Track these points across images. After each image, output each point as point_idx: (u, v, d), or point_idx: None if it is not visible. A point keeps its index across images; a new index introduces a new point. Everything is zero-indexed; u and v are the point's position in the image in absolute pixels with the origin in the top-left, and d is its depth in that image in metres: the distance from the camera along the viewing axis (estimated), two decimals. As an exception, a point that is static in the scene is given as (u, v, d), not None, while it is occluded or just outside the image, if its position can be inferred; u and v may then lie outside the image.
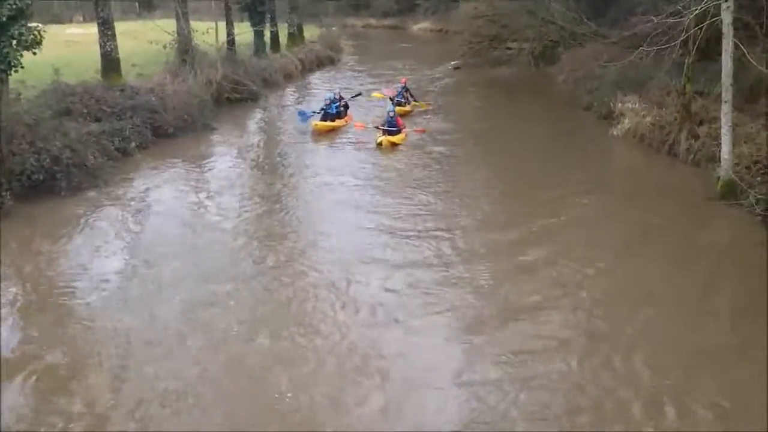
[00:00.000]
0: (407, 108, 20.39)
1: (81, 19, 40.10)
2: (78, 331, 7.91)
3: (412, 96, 21.30)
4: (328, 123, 17.99)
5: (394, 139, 16.16)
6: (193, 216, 11.85)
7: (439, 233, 10.71)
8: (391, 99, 20.34)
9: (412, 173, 14.16)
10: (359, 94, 21.13)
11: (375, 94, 22.22)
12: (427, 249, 10.11)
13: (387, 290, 8.80)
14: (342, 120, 18.47)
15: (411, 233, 10.73)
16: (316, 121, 17.85)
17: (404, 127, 16.81)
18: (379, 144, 15.93)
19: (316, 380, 6.89)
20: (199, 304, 8.41)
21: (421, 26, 51.93)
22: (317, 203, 12.50)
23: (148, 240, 10.59)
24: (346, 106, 19.13)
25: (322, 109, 18.25)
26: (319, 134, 17.52)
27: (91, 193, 12.45)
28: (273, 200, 12.62)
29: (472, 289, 8.90)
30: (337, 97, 18.95)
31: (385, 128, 16.42)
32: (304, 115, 18.48)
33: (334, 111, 18.35)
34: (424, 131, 17.44)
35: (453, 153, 15.97)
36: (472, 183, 13.58)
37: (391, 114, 16.82)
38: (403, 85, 21.40)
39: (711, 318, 8.25)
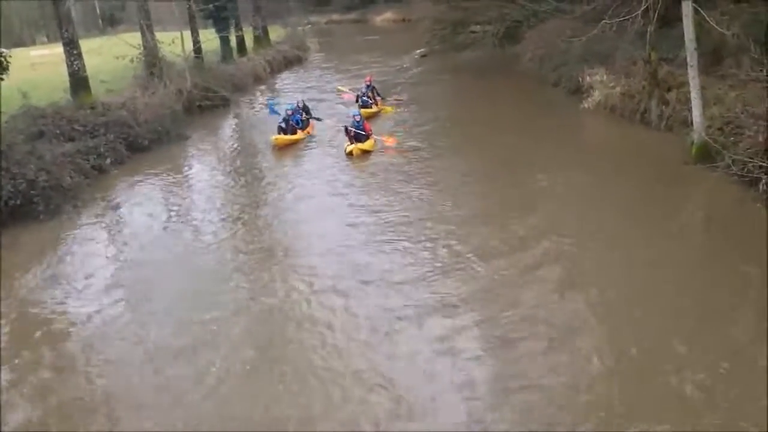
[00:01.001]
0: (373, 109, 19.04)
1: (45, 39, 39.49)
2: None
3: (378, 95, 20.03)
4: (288, 137, 16.54)
5: (365, 146, 14.99)
6: (172, 234, 11.46)
7: (429, 231, 10.36)
8: (357, 98, 19.23)
9: (389, 175, 13.50)
10: (319, 119, 18.30)
11: (340, 87, 21.41)
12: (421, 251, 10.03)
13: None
14: (304, 132, 17.11)
15: (401, 230, 10.75)
16: (276, 136, 16.33)
17: (372, 132, 15.55)
18: (349, 153, 14.82)
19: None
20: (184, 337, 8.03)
21: (384, 17, 51.95)
22: (297, 213, 12.02)
23: (127, 263, 10.30)
24: (308, 114, 17.97)
25: (284, 119, 16.71)
26: (280, 149, 16.09)
27: (70, 215, 12.32)
28: (251, 214, 12.17)
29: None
30: (300, 106, 17.76)
31: (353, 134, 15.16)
32: (272, 109, 18.17)
33: (296, 122, 16.99)
34: (394, 141, 15.59)
35: (428, 145, 15.42)
36: (452, 174, 13.17)
37: (357, 118, 15.54)
38: (368, 83, 19.93)
39: (697, 276, 8.49)
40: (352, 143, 15.01)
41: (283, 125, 16.54)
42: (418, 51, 30.23)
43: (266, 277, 9.36)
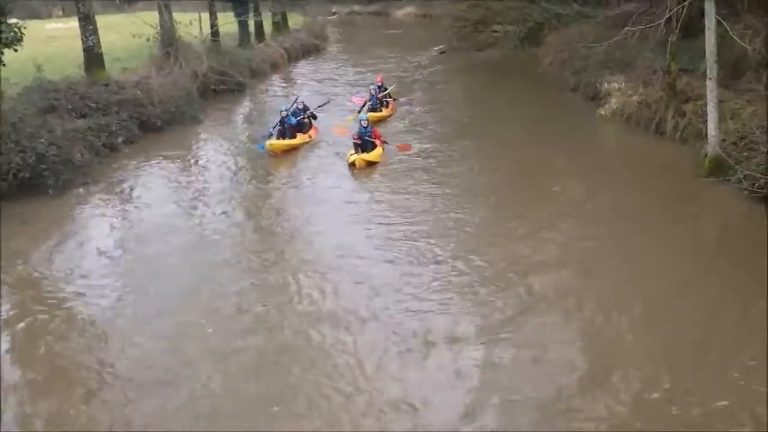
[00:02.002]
0: (384, 113, 17.77)
1: (60, 13, 39.56)
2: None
3: (390, 96, 18.62)
4: (286, 141, 14.83)
5: (370, 156, 13.63)
6: (181, 217, 11.45)
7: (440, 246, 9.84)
8: (368, 101, 17.58)
9: (400, 181, 12.88)
10: (327, 102, 17.61)
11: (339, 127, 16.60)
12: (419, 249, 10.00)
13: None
14: (305, 135, 15.46)
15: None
16: (272, 141, 14.60)
17: (382, 139, 14.32)
18: (352, 164, 13.53)
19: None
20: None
21: (405, 11, 51.65)
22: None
23: (135, 242, 10.36)
24: (312, 117, 16.22)
25: (280, 121, 14.97)
26: (275, 156, 14.47)
27: (79, 191, 12.37)
28: (262, 202, 12.26)
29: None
30: (300, 106, 16.00)
31: (359, 142, 13.86)
32: (261, 145, 14.88)
33: (294, 123, 15.19)
34: (408, 148, 14.62)
35: (443, 149, 14.86)
36: (468, 179, 12.88)
37: (364, 123, 14.20)
38: (379, 84, 18.63)
39: (697, 286, 8.44)
40: (357, 152, 13.72)
41: (280, 127, 14.94)
42: (437, 47, 30.07)
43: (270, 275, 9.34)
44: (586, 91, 18.91)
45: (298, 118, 15.57)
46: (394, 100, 18.88)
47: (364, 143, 13.91)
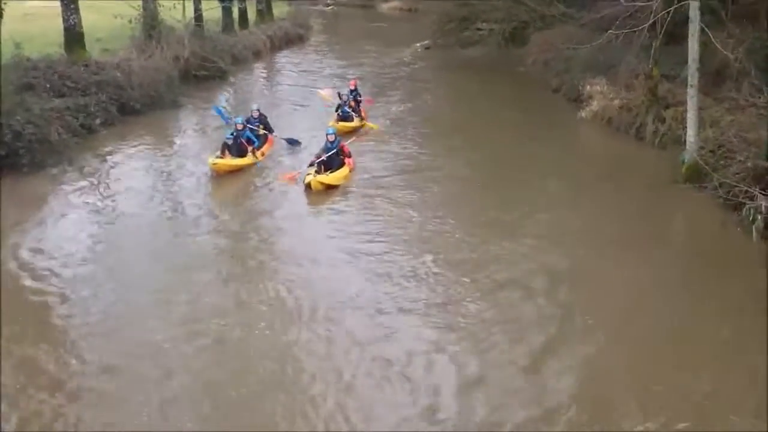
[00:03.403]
0: (354, 123, 15.67)
1: (41, -9, 38.56)
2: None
3: (360, 101, 16.75)
4: (234, 160, 12.70)
5: (329, 179, 11.75)
6: (156, 202, 11.36)
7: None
8: (338, 108, 15.70)
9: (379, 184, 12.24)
10: (297, 144, 14.40)
11: (321, 93, 17.15)
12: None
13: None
14: (258, 153, 13.32)
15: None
16: (215, 159, 12.46)
17: (350, 158, 12.62)
18: (308, 186, 11.66)
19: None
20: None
21: (390, 5, 51.39)
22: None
23: (108, 226, 10.30)
24: (267, 128, 14.25)
25: (233, 134, 12.88)
26: (220, 176, 12.45)
27: (54, 171, 12.19)
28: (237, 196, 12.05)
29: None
30: (255, 114, 14.12)
31: (323, 159, 12.09)
32: (219, 111, 14.24)
33: (245, 138, 13.10)
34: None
35: (425, 151, 14.57)
36: (437, 186, 12.48)
37: (331, 137, 12.40)
38: (353, 88, 16.83)
39: (665, 292, 8.55)
40: (320, 171, 11.87)
41: (230, 142, 12.76)
42: (421, 43, 30.01)
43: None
44: (569, 92, 19.03)
45: (253, 128, 13.68)
46: (362, 118, 16.30)
47: (329, 160, 12.15)
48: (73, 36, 16.51)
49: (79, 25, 16.66)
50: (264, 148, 13.78)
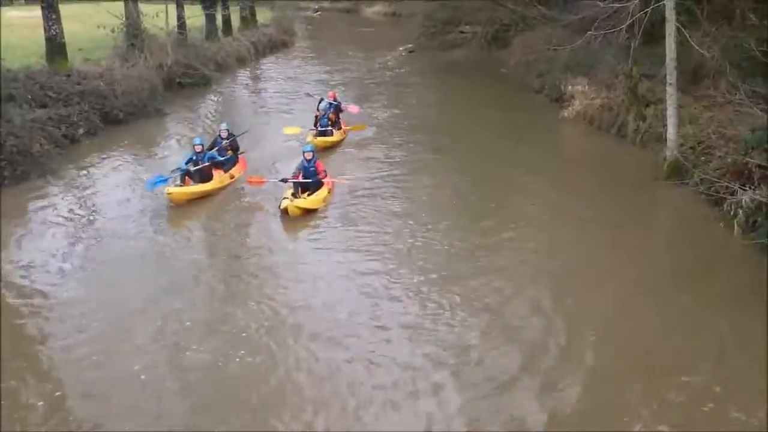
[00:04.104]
0: (334, 138, 14.81)
1: (23, 1, 38.48)
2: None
3: (341, 111, 15.80)
4: (194, 188, 11.32)
5: (307, 202, 10.75)
6: (140, 213, 10.99)
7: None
8: (316, 119, 14.85)
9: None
10: (244, 132, 13.64)
11: (287, 130, 15.10)
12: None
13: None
14: (224, 176, 11.99)
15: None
16: (170, 188, 11.00)
17: (327, 176, 11.50)
18: (284, 211, 10.64)
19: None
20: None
21: (374, 10, 51.70)
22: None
23: (90, 238, 10.01)
24: (233, 148, 12.72)
25: (192, 157, 11.58)
26: (178, 206, 11.05)
27: (38, 182, 12.07)
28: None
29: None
30: (223, 134, 12.64)
31: (299, 180, 11.18)
32: (155, 183, 11.32)
33: (208, 160, 11.65)
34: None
35: (410, 158, 14.27)
36: (435, 189, 12.41)
37: (308, 155, 11.36)
38: (333, 101, 15.66)
39: (653, 288, 8.61)
40: (296, 194, 10.95)
41: (190, 167, 11.40)
42: (405, 47, 30.19)
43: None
44: (551, 93, 19.23)
45: (218, 147, 12.37)
46: (341, 126, 15.48)
47: (305, 182, 11.20)
48: (55, 46, 16.47)
49: (61, 35, 16.61)
50: (234, 170, 12.44)
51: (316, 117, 15.18)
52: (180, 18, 21.98)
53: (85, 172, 12.99)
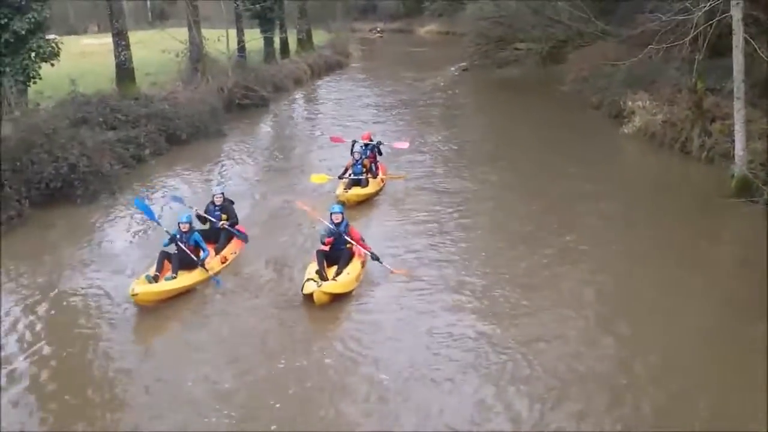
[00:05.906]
0: (369, 190, 12.44)
1: (96, 29, 40.50)
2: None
3: (380, 153, 13.58)
4: (167, 285, 8.63)
5: (337, 286, 8.52)
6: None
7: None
8: (346, 170, 12.66)
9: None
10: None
11: (314, 178, 12.61)
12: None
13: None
14: (216, 259, 9.48)
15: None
16: (134, 286, 8.36)
17: (362, 244, 9.27)
18: (309, 296, 8.42)
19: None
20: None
21: (427, 29, 52.08)
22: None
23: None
24: (231, 218, 10.11)
25: (176, 236, 9.06)
26: (145, 308, 8.44)
27: (106, 201, 12.56)
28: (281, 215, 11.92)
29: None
30: (218, 202, 10.07)
31: (326, 250, 8.99)
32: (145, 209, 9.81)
33: (194, 243, 9.14)
34: (406, 273, 9.24)
35: (464, 185, 13.56)
36: (499, 211, 12.19)
37: (337, 218, 9.14)
38: (368, 142, 13.41)
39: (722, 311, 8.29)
40: (321, 275, 8.66)
41: (170, 251, 9.05)
42: (458, 65, 30.23)
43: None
44: (609, 109, 18.91)
45: (211, 217, 10.00)
46: (374, 172, 13.01)
47: (335, 253, 9.04)
48: (124, 71, 17.24)
49: (130, 61, 17.38)
50: (227, 252, 9.79)
51: (347, 165, 12.85)
52: (240, 41, 22.69)
53: (150, 190, 13.42)
